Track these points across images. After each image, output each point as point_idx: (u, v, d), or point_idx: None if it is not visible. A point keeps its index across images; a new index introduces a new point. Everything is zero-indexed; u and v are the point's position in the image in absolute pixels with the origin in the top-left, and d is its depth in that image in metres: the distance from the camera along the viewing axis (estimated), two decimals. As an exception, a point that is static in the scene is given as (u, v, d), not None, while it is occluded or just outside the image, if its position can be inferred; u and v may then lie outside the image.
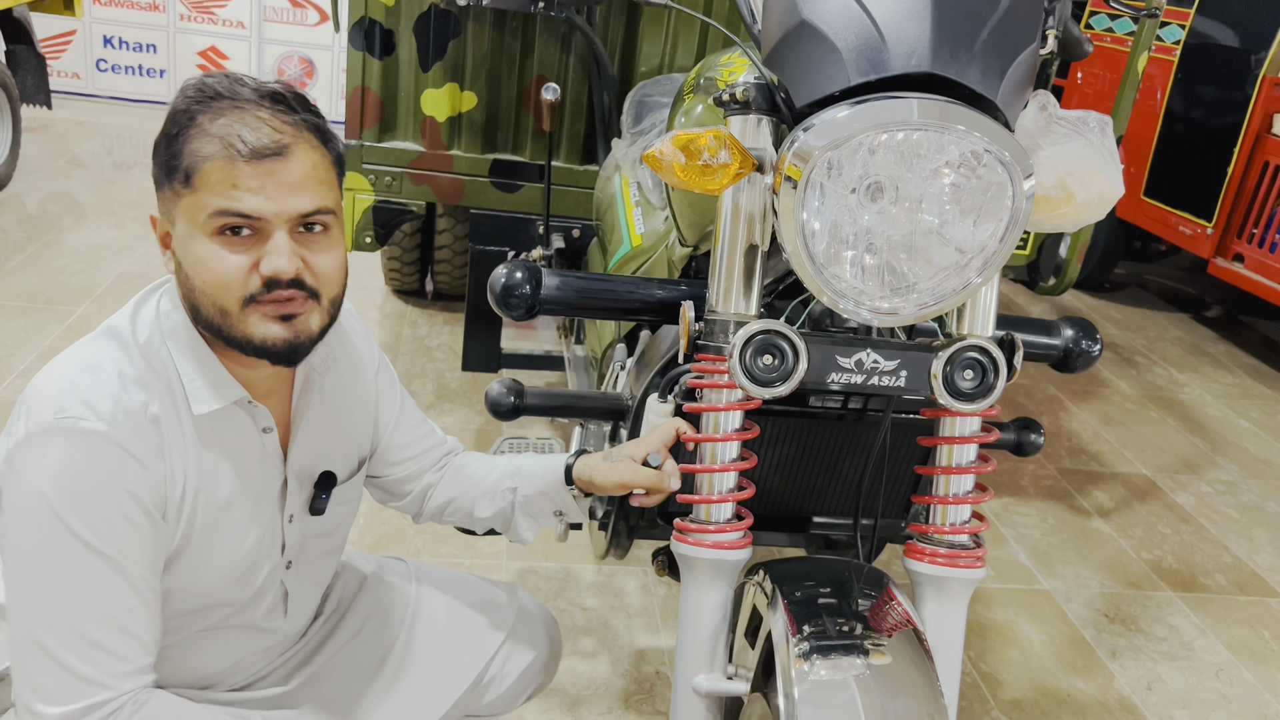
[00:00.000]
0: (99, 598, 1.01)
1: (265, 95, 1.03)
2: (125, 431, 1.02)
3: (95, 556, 1.00)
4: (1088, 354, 1.50)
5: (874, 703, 1.09)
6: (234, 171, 1.00)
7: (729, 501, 1.25)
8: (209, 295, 1.04)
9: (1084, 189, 1.18)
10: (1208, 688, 2.25)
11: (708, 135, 1.13)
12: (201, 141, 1.00)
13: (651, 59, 2.67)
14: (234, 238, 1.02)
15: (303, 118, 1.05)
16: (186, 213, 1.02)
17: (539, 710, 1.91)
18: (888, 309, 1.12)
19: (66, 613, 1.00)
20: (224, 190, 1.00)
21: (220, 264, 1.03)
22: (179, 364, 1.08)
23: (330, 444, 1.27)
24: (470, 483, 1.41)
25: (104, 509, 1.01)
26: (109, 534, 1.01)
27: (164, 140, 1.03)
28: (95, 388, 1.02)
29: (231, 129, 1.00)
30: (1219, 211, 4.28)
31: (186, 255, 1.04)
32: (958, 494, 1.25)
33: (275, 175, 1.02)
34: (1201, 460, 3.39)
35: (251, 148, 1.00)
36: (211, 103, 1.01)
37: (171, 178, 1.02)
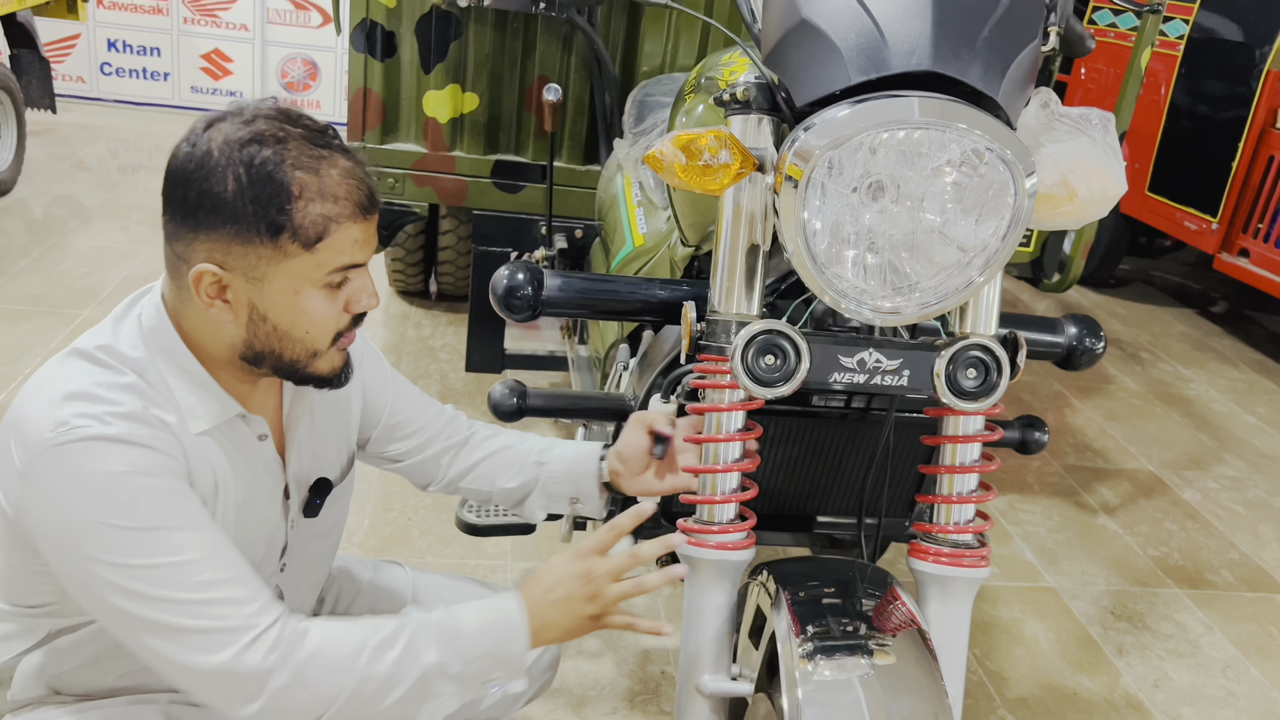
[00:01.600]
0: (193, 568, 0.99)
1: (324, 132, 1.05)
2: (135, 430, 1.00)
3: (166, 534, 0.98)
4: (1091, 351, 1.50)
5: (878, 703, 1.08)
6: (355, 230, 1.04)
7: (732, 502, 1.25)
8: (306, 341, 1.07)
9: (1086, 186, 1.18)
10: (1215, 685, 2.24)
11: (708, 135, 1.13)
12: (324, 204, 1.01)
13: (653, 59, 2.67)
14: (336, 286, 1.06)
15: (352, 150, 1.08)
16: (298, 271, 1.02)
17: (544, 711, 1.91)
18: (889, 308, 1.12)
19: (173, 598, 0.97)
20: (348, 249, 1.04)
21: (327, 312, 1.06)
22: (171, 381, 1.06)
23: (322, 448, 1.27)
24: (499, 451, 1.42)
25: (148, 492, 0.99)
26: (167, 510, 0.99)
27: (250, 199, 0.98)
28: (87, 397, 1.00)
29: (347, 187, 1.03)
30: (1224, 206, 4.26)
31: (283, 307, 1.04)
32: (961, 493, 1.25)
33: (374, 222, 1.08)
34: (1208, 456, 3.38)
35: (369, 202, 1.05)
36: (298, 154, 1.00)
37: (276, 238, 1.00)
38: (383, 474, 2.58)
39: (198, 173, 0.99)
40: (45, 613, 1.12)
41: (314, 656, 1.01)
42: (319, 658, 1.01)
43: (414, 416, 1.40)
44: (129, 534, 0.97)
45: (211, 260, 1.01)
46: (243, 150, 0.98)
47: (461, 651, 1.08)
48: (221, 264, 1.01)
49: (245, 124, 1.00)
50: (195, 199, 1.00)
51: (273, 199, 0.98)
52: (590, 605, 1.13)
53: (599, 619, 1.14)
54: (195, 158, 1.00)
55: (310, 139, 1.02)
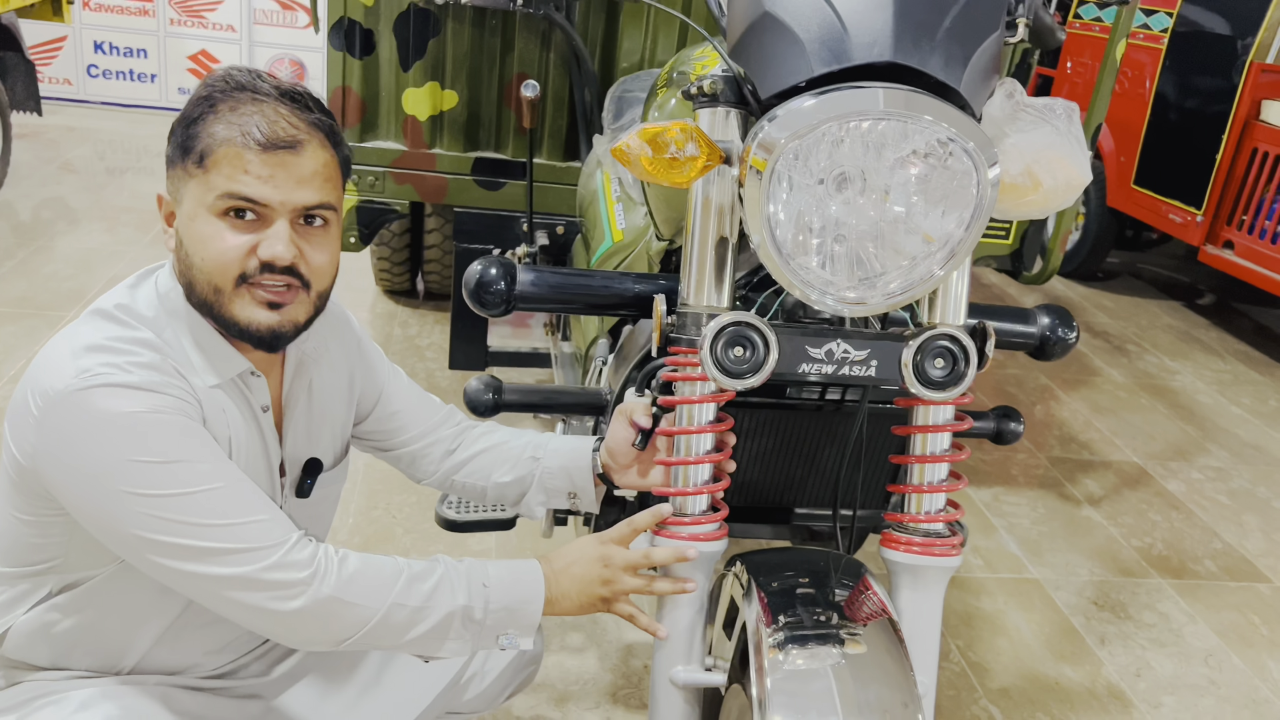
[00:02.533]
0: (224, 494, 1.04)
1: (285, 93, 1.09)
2: (155, 378, 1.04)
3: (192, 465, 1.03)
4: (1064, 341, 1.50)
5: (848, 691, 1.09)
6: (246, 158, 1.05)
7: (704, 494, 1.25)
8: (205, 272, 1.08)
9: (1051, 176, 1.18)
10: (1196, 674, 2.25)
11: (674, 128, 1.13)
12: (218, 126, 1.05)
13: (632, 55, 2.67)
14: (237, 220, 1.07)
15: (317, 118, 1.11)
16: (195, 192, 1.06)
17: (527, 705, 1.91)
18: (855, 299, 1.12)
19: (209, 522, 1.02)
20: (235, 174, 1.05)
21: (220, 243, 1.07)
22: (182, 338, 1.11)
23: (318, 430, 1.29)
24: (494, 447, 1.43)
25: (173, 429, 1.03)
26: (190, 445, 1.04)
27: (182, 122, 1.08)
28: (109, 349, 1.04)
29: (249, 119, 1.06)
30: (1208, 199, 4.28)
31: (189, 233, 1.08)
32: (932, 482, 1.26)
33: (285, 167, 1.07)
34: (1192, 447, 3.39)
35: (266, 137, 1.06)
36: (233, 93, 1.07)
37: (185, 158, 1.06)
38: (367, 472, 2.58)
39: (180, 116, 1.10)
40: (49, 568, 1.14)
41: (355, 576, 1.08)
42: (360, 577, 1.08)
43: (408, 408, 1.42)
44: (157, 467, 1.01)
45: (166, 189, 1.11)
46: (204, 86, 1.08)
47: (486, 600, 1.14)
48: (168, 190, 1.11)
49: (223, 74, 1.08)
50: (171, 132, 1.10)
51: (190, 121, 1.06)
52: (603, 588, 1.20)
53: (609, 603, 1.21)
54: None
55: (257, 86, 1.07)
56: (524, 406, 1.62)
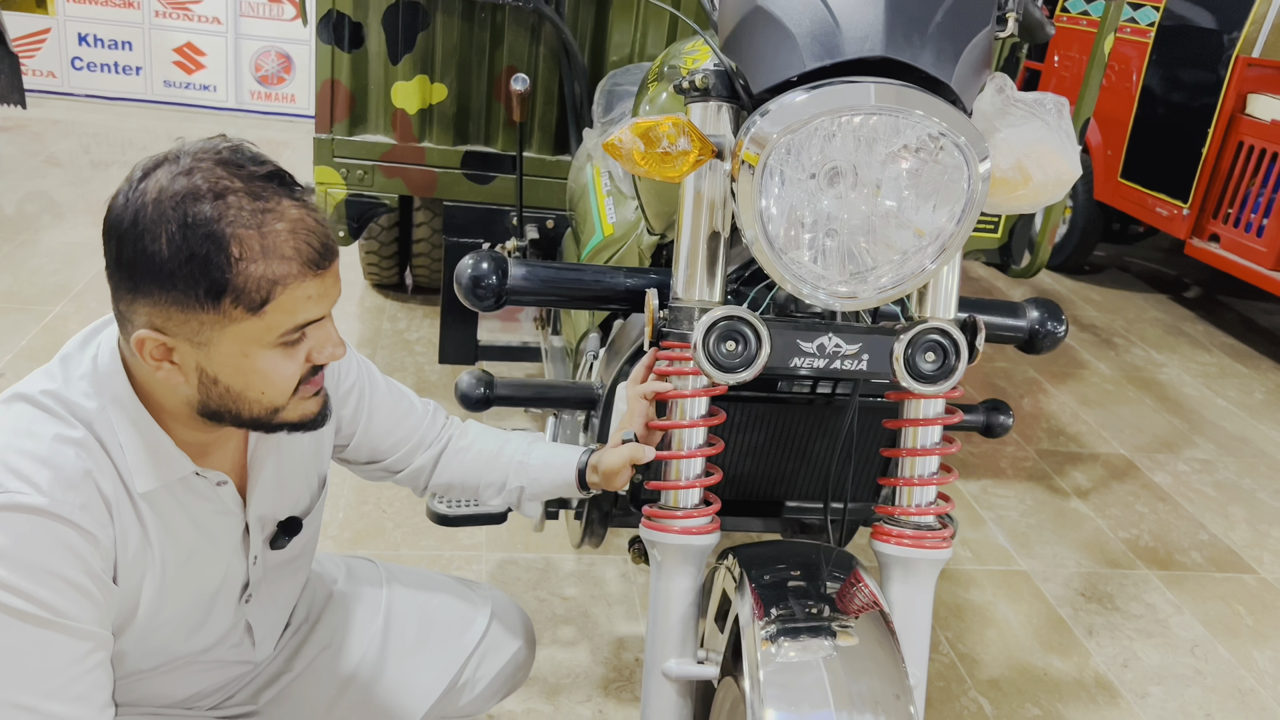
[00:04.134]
0: (48, 670, 0.95)
1: (271, 179, 0.96)
2: (69, 503, 0.95)
3: (42, 628, 0.94)
4: (1053, 335, 1.51)
5: (840, 683, 1.09)
6: (307, 287, 0.97)
7: (696, 487, 1.25)
8: (263, 400, 1.01)
9: (1041, 170, 1.19)
10: (1183, 664, 2.27)
11: (667, 123, 1.13)
12: (267, 264, 0.93)
13: (622, 48, 2.66)
14: (292, 343, 1.00)
15: (304, 192, 1.00)
16: (244, 334, 0.96)
17: (519, 700, 1.91)
18: (847, 293, 1.13)
19: (14, 694, 0.94)
20: (299, 307, 0.97)
21: (284, 371, 1.00)
22: (121, 436, 1.01)
23: (290, 485, 1.23)
24: (474, 472, 1.41)
25: (48, 578, 0.94)
26: (55, 595, 0.94)
27: (185, 260, 0.91)
28: (31, 456, 0.95)
29: (284, 242, 0.94)
30: (1195, 192, 4.30)
31: (234, 370, 0.98)
32: (922, 475, 1.27)
33: (331, 273, 1.00)
34: (1179, 439, 3.42)
35: (319, 255, 0.97)
36: (239, 210, 0.92)
37: (217, 303, 0.93)
38: (357, 467, 2.57)
39: (132, 230, 0.92)
40: None
41: None
42: None
43: (388, 431, 1.37)
44: (11, 617, 0.93)
45: (152, 325, 0.95)
46: (178, 207, 0.91)
47: None
48: (162, 329, 0.95)
49: (183, 174, 0.92)
50: (130, 259, 0.93)
51: (211, 261, 0.91)
52: None
53: None
54: (129, 213, 0.92)
55: (253, 190, 0.94)
56: (516, 401, 1.62)
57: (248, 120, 6.17)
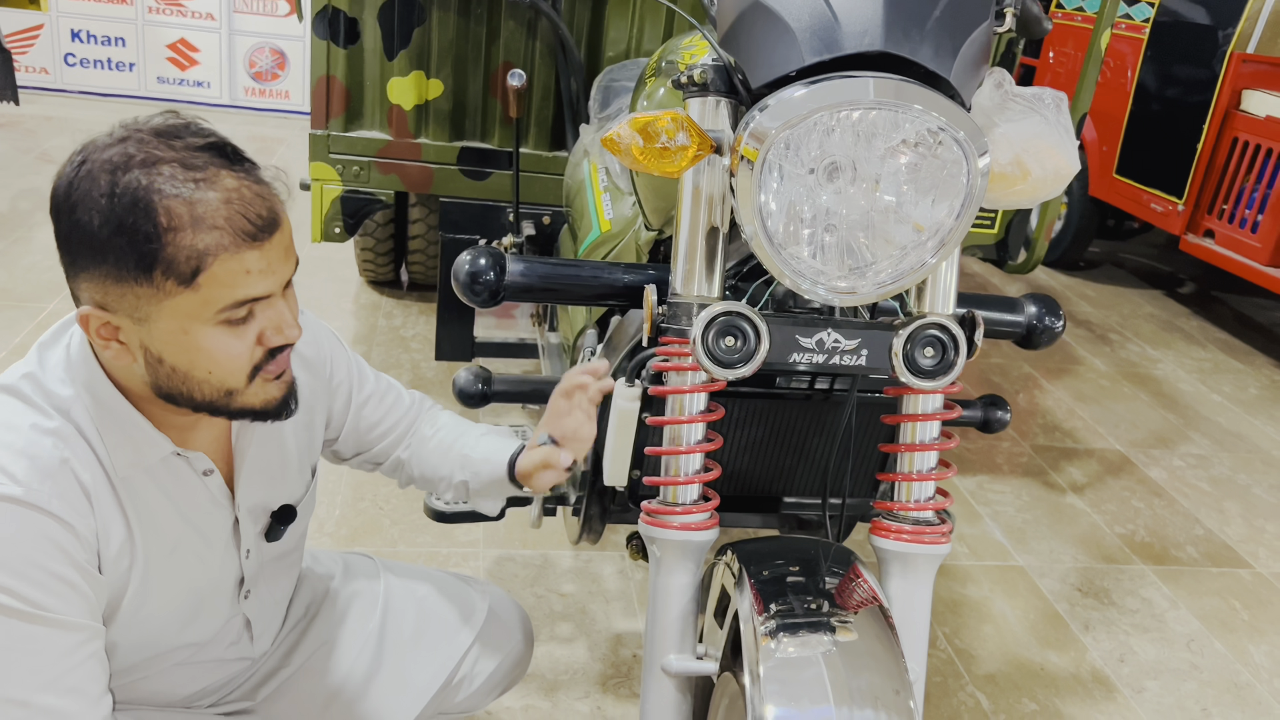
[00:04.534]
0: (39, 664, 0.94)
1: (211, 150, 0.93)
2: (45, 493, 0.94)
3: (29, 623, 0.93)
4: (1050, 330, 1.51)
5: (840, 679, 1.10)
6: (245, 260, 0.92)
7: (695, 483, 1.25)
8: (212, 382, 0.98)
9: (1040, 165, 1.19)
10: (1179, 658, 2.28)
11: (665, 118, 1.13)
12: (196, 234, 0.89)
13: (618, 43, 2.66)
14: (238, 321, 0.96)
15: (252, 166, 0.97)
16: (181, 309, 0.92)
17: (517, 696, 1.91)
18: (846, 288, 1.13)
19: (5, 689, 0.93)
20: (235, 281, 0.92)
21: (229, 350, 0.96)
22: (97, 420, 1.00)
23: (280, 473, 1.22)
24: (430, 464, 1.39)
25: (30, 570, 0.93)
26: (39, 589, 0.93)
27: (114, 231, 0.89)
28: (7, 446, 0.94)
29: (218, 211, 0.90)
30: (1190, 188, 4.31)
31: (176, 349, 0.95)
32: (921, 470, 1.27)
33: (274, 246, 0.95)
34: (1174, 435, 3.42)
35: (255, 226, 0.92)
36: (170, 179, 0.89)
37: (149, 275, 0.90)
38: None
39: (65, 202, 0.91)
40: None
41: None
42: None
43: (379, 422, 1.37)
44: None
45: (94, 302, 0.93)
46: (109, 176, 0.88)
47: None
48: (103, 305, 0.93)
49: (116, 144, 0.90)
50: (66, 232, 0.91)
51: (139, 231, 0.88)
52: None
53: None
54: (65, 184, 0.91)
55: (187, 159, 0.91)
56: (513, 397, 1.62)
57: (242, 117, 6.15)
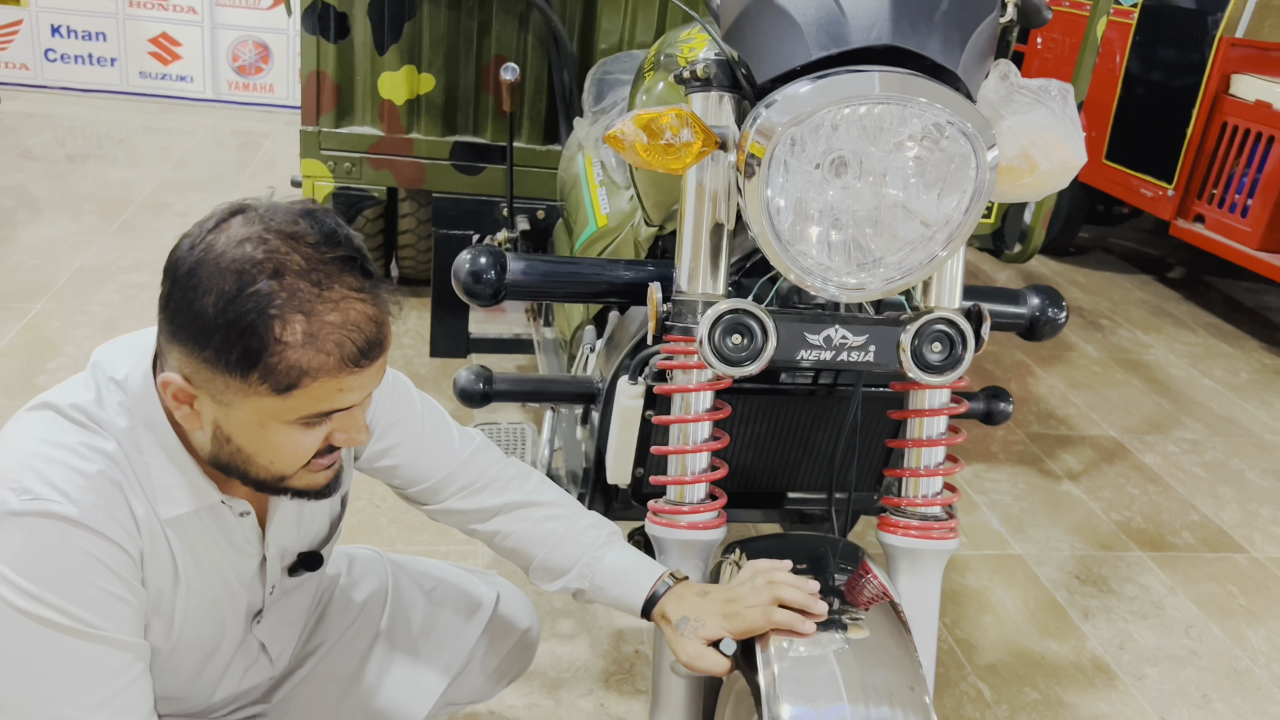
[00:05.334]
0: (91, 682, 0.95)
1: (341, 264, 0.93)
2: (97, 514, 0.94)
3: (77, 639, 0.93)
4: (1054, 321, 1.51)
5: (853, 676, 1.09)
6: (343, 382, 0.94)
7: (702, 482, 1.25)
8: (270, 468, 1.00)
9: (1047, 158, 1.18)
10: (1178, 645, 2.29)
11: (670, 114, 1.12)
12: (304, 354, 0.90)
13: (611, 36, 2.64)
14: (314, 424, 0.97)
15: (376, 283, 0.96)
16: (263, 409, 0.94)
17: (520, 694, 1.90)
18: (854, 284, 1.12)
19: (56, 708, 0.93)
20: (328, 397, 0.94)
21: (298, 447, 0.98)
22: (150, 459, 1.00)
23: (312, 517, 1.22)
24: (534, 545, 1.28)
25: (81, 587, 0.93)
26: (91, 609, 0.94)
27: (225, 325, 0.89)
28: (64, 466, 0.95)
29: (339, 336, 0.91)
30: (1179, 173, 4.32)
31: (246, 435, 0.97)
32: (929, 466, 1.26)
33: (374, 370, 0.97)
34: (1167, 420, 3.44)
35: (361, 352, 0.93)
36: (294, 293, 0.90)
37: (246, 375, 0.91)
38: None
39: (187, 279, 0.91)
40: None
41: None
42: None
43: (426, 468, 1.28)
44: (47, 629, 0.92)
45: (181, 372, 0.95)
46: (235, 274, 0.89)
47: None
48: (190, 379, 0.94)
49: (253, 240, 0.90)
50: (178, 305, 0.92)
51: (251, 334, 0.89)
52: None
53: None
54: (190, 260, 0.91)
55: (316, 274, 0.91)
56: (515, 396, 1.61)
57: (226, 111, 6.10)
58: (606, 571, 1.23)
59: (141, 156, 5.09)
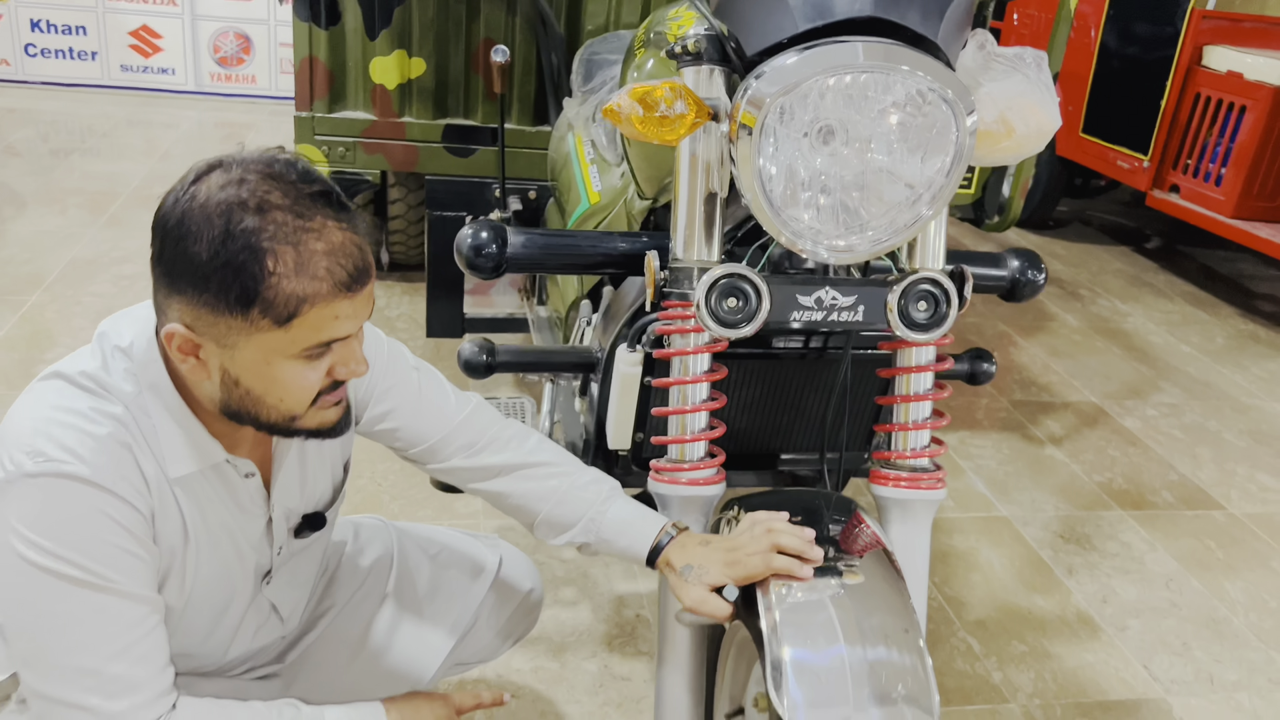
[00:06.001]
0: (109, 633, 1.00)
1: (320, 199, 0.98)
2: (109, 474, 0.99)
3: (95, 592, 0.98)
4: (1033, 283, 1.57)
5: (850, 620, 1.14)
6: (336, 307, 0.99)
7: (702, 440, 1.30)
8: (280, 407, 1.04)
9: (1023, 122, 1.24)
10: (1159, 597, 2.37)
11: (664, 87, 1.17)
12: (299, 282, 0.95)
13: (597, 17, 2.68)
14: (316, 356, 1.02)
15: (354, 215, 1.02)
16: (268, 344, 0.98)
17: (526, 658, 1.97)
18: (843, 246, 1.18)
19: (78, 658, 0.99)
20: (327, 325, 0.99)
21: (304, 382, 1.02)
22: (157, 421, 1.05)
23: (314, 476, 1.26)
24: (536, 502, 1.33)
25: (95, 544, 0.98)
26: (105, 564, 0.99)
27: (220, 266, 0.94)
28: (75, 430, 0.99)
29: (319, 261, 0.96)
30: (1154, 144, 4.39)
31: (255, 376, 1.01)
32: (917, 420, 1.32)
33: (363, 296, 1.02)
34: (1146, 385, 3.52)
35: (350, 277, 0.98)
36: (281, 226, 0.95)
37: (246, 311, 0.96)
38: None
39: (176, 230, 0.95)
40: None
41: None
42: None
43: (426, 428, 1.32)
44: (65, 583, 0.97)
45: (183, 321, 0.99)
46: (222, 215, 0.94)
47: None
48: (192, 327, 0.99)
49: (232, 184, 0.95)
50: (171, 256, 0.96)
51: (245, 271, 0.94)
52: None
53: None
54: (177, 212, 0.96)
55: (297, 207, 0.96)
56: (517, 367, 1.66)
57: (209, 103, 6.10)
58: (611, 524, 1.28)
59: (126, 150, 5.10)
